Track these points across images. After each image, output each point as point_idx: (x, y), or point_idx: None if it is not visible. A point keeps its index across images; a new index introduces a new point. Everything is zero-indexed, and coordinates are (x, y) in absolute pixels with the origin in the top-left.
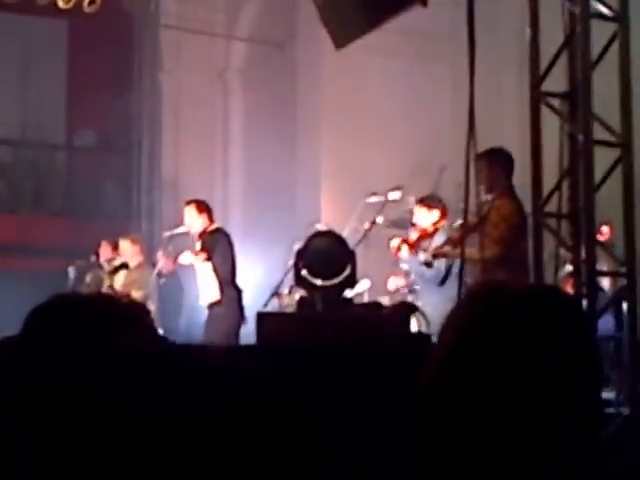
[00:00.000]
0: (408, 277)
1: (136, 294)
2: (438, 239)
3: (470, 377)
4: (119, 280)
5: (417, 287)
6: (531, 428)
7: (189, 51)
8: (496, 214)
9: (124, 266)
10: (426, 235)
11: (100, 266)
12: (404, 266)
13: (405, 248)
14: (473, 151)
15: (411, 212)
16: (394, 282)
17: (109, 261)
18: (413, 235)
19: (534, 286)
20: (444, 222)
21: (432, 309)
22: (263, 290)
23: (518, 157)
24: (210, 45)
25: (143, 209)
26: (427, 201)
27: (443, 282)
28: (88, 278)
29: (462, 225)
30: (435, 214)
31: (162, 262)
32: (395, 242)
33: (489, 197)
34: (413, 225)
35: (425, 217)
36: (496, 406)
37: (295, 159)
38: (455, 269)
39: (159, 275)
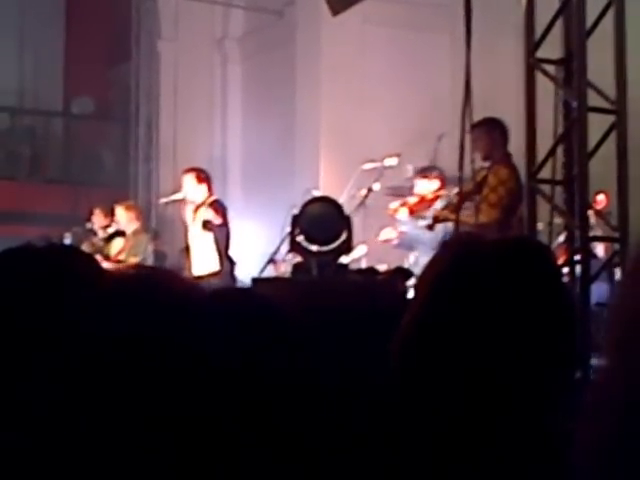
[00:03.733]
0: (402, 235)
1: (132, 260)
2: (439, 206)
3: (443, 328)
4: (115, 248)
5: (414, 254)
6: (502, 378)
7: (187, 19)
8: (494, 179)
9: (119, 233)
10: (425, 201)
11: (95, 233)
12: (402, 228)
13: (404, 210)
14: (469, 118)
15: (409, 180)
16: (386, 233)
17: (104, 228)
18: (411, 200)
19: (504, 237)
20: (443, 191)
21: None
22: (261, 257)
23: (514, 124)
24: (209, 13)
25: (140, 177)
26: (426, 172)
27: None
28: (84, 246)
29: (459, 191)
30: (435, 184)
31: None
32: (395, 204)
33: (486, 164)
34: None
35: (426, 188)
36: (468, 354)
37: (294, 127)
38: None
39: None
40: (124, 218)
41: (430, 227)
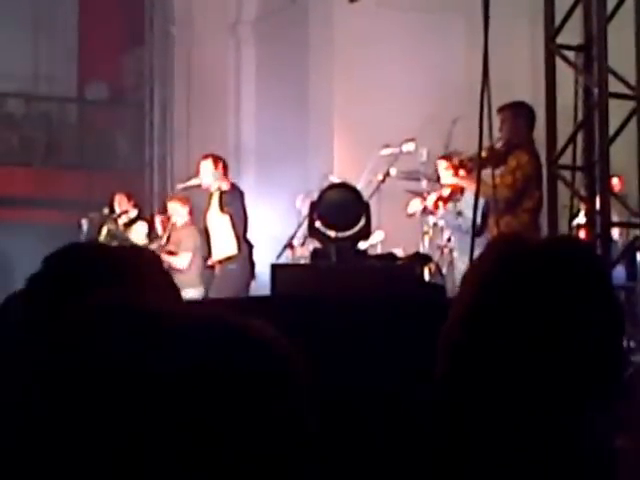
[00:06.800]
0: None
1: (183, 254)
2: (469, 193)
3: (491, 332)
4: (136, 233)
5: (452, 239)
6: (553, 381)
7: (201, 3)
8: (514, 161)
9: (139, 218)
10: (457, 189)
11: (115, 220)
12: (440, 222)
13: (441, 205)
14: (487, 100)
15: (424, 164)
16: (415, 205)
17: (122, 214)
18: (445, 192)
19: (551, 238)
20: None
21: (463, 265)
22: (275, 242)
23: None
24: None
25: (155, 161)
26: (448, 160)
27: (479, 233)
28: (103, 232)
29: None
30: (461, 171)
31: None
32: (431, 200)
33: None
34: (442, 186)
35: (452, 176)
36: (518, 360)
37: (307, 110)
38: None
39: None
40: (178, 212)
41: (459, 213)
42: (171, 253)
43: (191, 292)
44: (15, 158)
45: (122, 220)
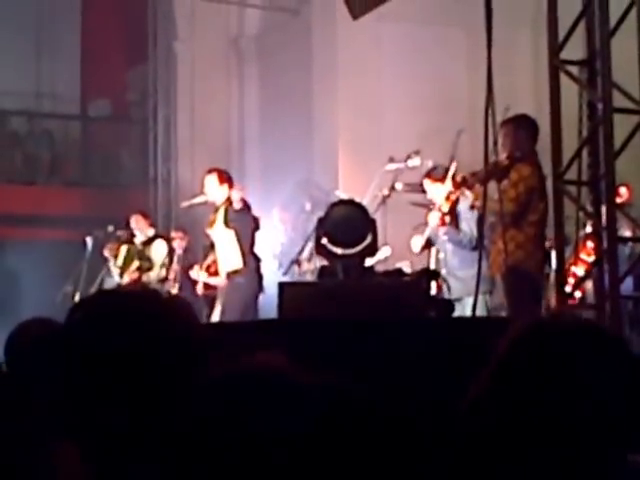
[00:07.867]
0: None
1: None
2: (463, 205)
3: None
4: (156, 251)
5: (441, 255)
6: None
7: (203, 19)
8: (516, 175)
9: (158, 237)
10: (454, 203)
11: (131, 240)
12: (444, 237)
13: (447, 219)
14: (491, 111)
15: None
16: (418, 242)
17: (129, 232)
18: (444, 207)
19: (576, 324)
20: (461, 189)
21: (456, 282)
22: (281, 258)
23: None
24: (224, 12)
25: (159, 178)
26: (435, 175)
27: (477, 247)
28: (122, 251)
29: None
30: (448, 184)
31: None
32: (435, 218)
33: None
34: (433, 203)
35: (440, 191)
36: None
37: (311, 126)
38: (488, 232)
39: None
40: None
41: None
42: (214, 274)
43: (218, 307)
44: (19, 176)
45: (139, 239)
